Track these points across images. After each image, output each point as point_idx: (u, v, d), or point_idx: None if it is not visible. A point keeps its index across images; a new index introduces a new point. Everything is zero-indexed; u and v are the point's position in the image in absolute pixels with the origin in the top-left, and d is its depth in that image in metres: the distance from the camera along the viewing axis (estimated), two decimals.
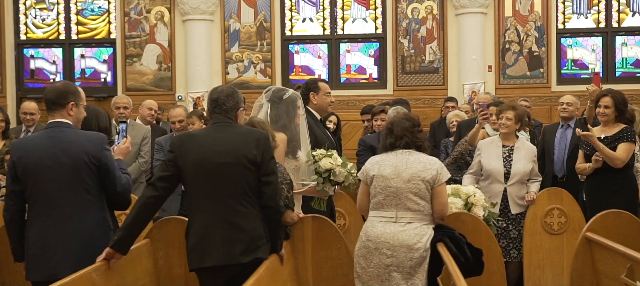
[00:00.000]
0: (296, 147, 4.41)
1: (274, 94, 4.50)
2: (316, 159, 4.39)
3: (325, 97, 4.99)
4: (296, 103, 4.48)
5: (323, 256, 4.07)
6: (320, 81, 5.12)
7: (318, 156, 4.40)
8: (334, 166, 4.34)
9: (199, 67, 10.97)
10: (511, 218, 5.47)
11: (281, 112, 4.41)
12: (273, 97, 4.49)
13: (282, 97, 4.47)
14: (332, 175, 4.35)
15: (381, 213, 3.82)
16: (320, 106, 4.96)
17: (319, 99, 4.95)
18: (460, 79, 10.88)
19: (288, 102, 4.45)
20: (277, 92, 4.53)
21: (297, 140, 4.43)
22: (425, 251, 3.73)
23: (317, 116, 4.99)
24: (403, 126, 3.85)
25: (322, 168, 4.33)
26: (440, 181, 3.80)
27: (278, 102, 4.45)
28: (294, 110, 4.46)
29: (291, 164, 4.37)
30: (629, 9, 11.02)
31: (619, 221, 4.03)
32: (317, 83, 5.03)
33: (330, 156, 4.40)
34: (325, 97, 4.99)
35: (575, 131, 5.96)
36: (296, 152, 4.40)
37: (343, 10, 11.30)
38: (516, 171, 5.39)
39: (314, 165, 4.38)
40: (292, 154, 4.39)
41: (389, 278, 3.75)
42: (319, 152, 4.43)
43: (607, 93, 5.35)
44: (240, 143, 3.43)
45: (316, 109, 4.97)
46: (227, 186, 3.38)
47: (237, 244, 3.36)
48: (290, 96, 4.48)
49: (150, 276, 3.95)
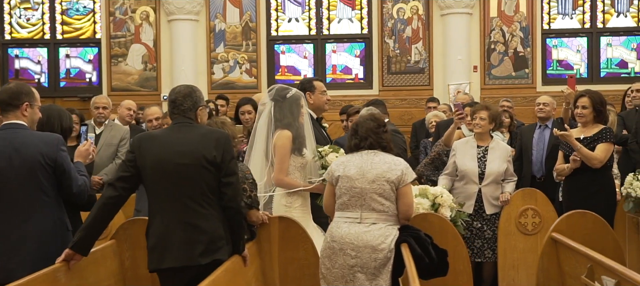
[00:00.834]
0: (302, 144, 4.44)
1: (277, 93, 4.51)
2: (322, 155, 4.42)
3: (322, 96, 4.98)
4: (299, 101, 4.50)
5: (290, 257, 4.06)
6: (316, 80, 5.11)
7: (324, 151, 4.44)
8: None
9: (185, 67, 10.94)
10: (486, 219, 5.47)
11: (285, 111, 4.43)
12: (276, 96, 4.49)
13: (285, 96, 4.48)
14: None
15: (346, 214, 3.81)
16: (317, 105, 4.95)
17: (315, 99, 4.93)
18: (445, 79, 10.88)
19: (291, 100, 4.47)
20: (281, 91, 4.53)
21: (302, 137, 4.45)
22: (389, 252, 3.72)
23: (314, 115, 4.99)
24: (368, 127, 3.84)
25: (329, 163, 4.35)
26: (405, 182, 3.79)
27: (281, 101, 4.46)
28: (298, 108, 4.48)
29: (297, 161, 4.41)
30: (614, 10, 11.04)
31: (584, 222, 4.04)
32: (312, 82, 5.01)
33: (336, 151, 4.43)
34: (321, 96, 4.97)
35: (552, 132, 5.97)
36: (302, 149, 4.43)
37: (329, 11, 11.30)
38: (490, 172, 5.39)
39: (320, 161, 4.41)
40: (298, 152, 4.41)
41: (353, 279, 3.74)
42: (325, 148, 4.47)
43: (584, 93, 5.33)
44: (199, 144, 3.41)
45: (313, 108, 4.95)
46: (186, 187, 3.37)
47: (196, 245, 3.34)
48: (293, 94, 4.50)
49: (115, 277, 3.94)
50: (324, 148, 4.48)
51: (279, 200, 4.41)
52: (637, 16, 11.01)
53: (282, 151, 4.33)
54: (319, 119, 5.17)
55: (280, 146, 4.34)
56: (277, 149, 4.35)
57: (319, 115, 5.14)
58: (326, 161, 4.39)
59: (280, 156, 4.34)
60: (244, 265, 3.63)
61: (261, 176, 4.44)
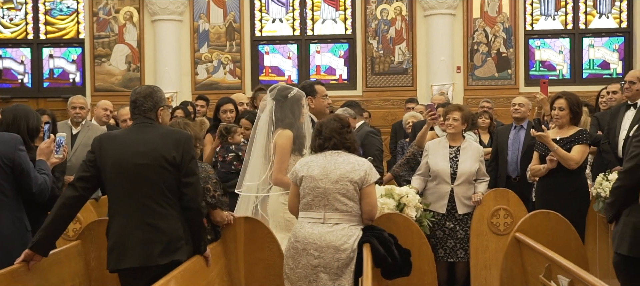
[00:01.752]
0: (302, 145, 4.44)
1: (278, 93, 4.51)
2: None
3: (323, 100, 4.92)
4: (301, 101, 4.50)
5: (255, 257, 4.07)
6: (317, 84, 5.04)
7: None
8: None
9: (168, 67, 10.95)
10: (458, 219, 5.48)
11: (286, 111, 4.43)
12: (278, 96, 4.50)
13: (286, 96, 4.48)
14: None
15: (310, 214, 3.82)
16: (318, 109, 4.88)
17: (317, 103, 4.87)
18: (429, 80, 10.92)
19: (293, 100, 4.47)
20: (282, 90, 4.53)
21: (303, 138, 4.45)
22: (352, 252, 3.73)
23: (315, 119, 4.94)
24: (331, 127, 3.85)
25: None
26: (368, 182, 3.80)
27: (283, 101, 4.46)
28: (299, 108, 4.47)
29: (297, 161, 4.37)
30: (596, 11, 11.10)
31: (547, 222, 4.06)
32: (313, 87, 4.95)
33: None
34: (322, 100, 4.91)
35: (528, 132, 5.99)
36: (302, 150, 4.43)
37: (313, 11, 11.32)
38: (462, 172, 5.41)
39: None
40: (299, 152, 4.41)
41: (316, 279, 3.74)
42: None
43: (561, 95, 5.35)
44: (159, 144, 3.42)
45: (314, 112, 4.88)
46: (145, 187, 3.37)
47: (155, 245, 3.35)
48: (294, 94, 4.50)
49: (80, 277, 3.94)
50: None
51: (276, 199, 4.40)
52: (619, 18, 11.08)
53: (283, 151, 4.34)
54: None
55: (280, 145, 4.35)
56: (278, 148, 4.36)
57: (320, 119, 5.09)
58: None
59: (280, 155, 4.35)
60: (206, 265, 3.63)
61: (260, 175, 4.45)
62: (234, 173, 5.73)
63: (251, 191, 4.52)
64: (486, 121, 8.06)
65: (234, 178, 5.70)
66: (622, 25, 11.05)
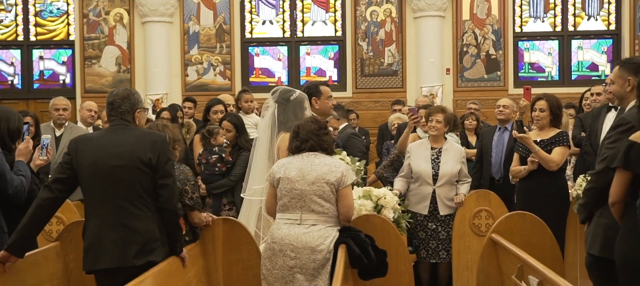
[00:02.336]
0: None
1: (281, 95, 4.52)
2: None
3: (327, 101, 4.91)
4: (303, 104, 4.51)
5: (234, 258, 4.09)
6: (322, 85, 5.03)
7: None
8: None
9: (159, 69, 10.98)
10: (440, 220, 5.52)
11: (289, 114, 4.44)
12: (280, 99, 4.51)
13: (289, 99, 4.49)
14: None
15: (286, 215, 3.84)
16: (323, 110, 4.88)
17: (321, 104, 4.86)
18: (418, 81, 10.97)
19: (295, 103, 4.48)
20: (284, 93, 4.54)
21: None
22: (328, 253, 3.75)
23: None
24: (309, 129, 3.87)
25: None
26: (345, 184, 3.82)
27: (285, 104, 4.48)
28: (301, 111, 4.49)
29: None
30: (585, 13, 11.16)
31: (522, 223, 4.09)
32: (318, 88, 4.94)
33: (339, 154, 4.45)
34: (327, 102, 4.90)
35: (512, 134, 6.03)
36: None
37: (303, 13, 11.36)
38: (444, 173, 5.45)
39: None
40: None
41: (292, 280, 3.76)
42: None
43: (542, 97, 5.40)
44: (135, 146, 3.44)
45: (319, 113, 4.85)
46: (121, 189, 3.39)
47: (130, 246, 3.37)
48: (297, 97, 4.51)
49: (58, 279, 3.95)
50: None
51: None
52: (608, 20, 11.13)
53: (286, 154, 4.37)
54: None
55: (284, 149, 4.37)
56: (281, 151, 4.38)
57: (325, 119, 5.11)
58: None
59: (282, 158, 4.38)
60: (183, 266, 3.65)
61: (264, 177, 4.45)
62: (218, 175, 5.77)
63: (256, 195, 4.53)
64: (473, 123, 8.11)
65: (218, 179, 5.75)
66: (611, 27, 11.11)
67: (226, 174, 5.78)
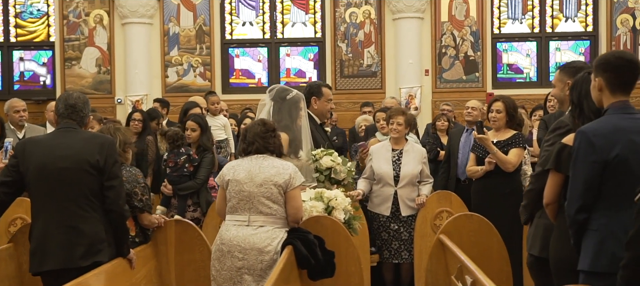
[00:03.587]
0: (298, 147, 4.50)
1: (277, 94, 4.57)
2: (317, 158, 4.48)
3: (327, 103, 4.98)
4: (299, 104, 4.56)
5: (186, 259, 4.15)
6: (324, 86, 5.10)
7: (318, 154, 4.50)
8: (334, 164, 4.46)
9: (138, 70, 10.99)
10: (402, 220, 5.58)
11: (284, 113, 4.50)
12: (276, 97, 4.56)
13: (285, 98, 4.54)
14: (332, 173, 4.46)
15: (235, 217, 3.89)
16: (320, 111, 4.96)
17: (320, 105, 4.93)
18: (397, 82, 11.01)
19: (291, 103, 4.54)
20: (281, 92, 4.59)
21: (299, 140, 4.51)
22: (275, 254, 3.81)
23: (317, 120, 5.01)
24: (254, 132, 3.92)
25: (323, 166, 4.43)
26: (293, 186, 3.88)
27: (281, 102, 4.53)
28: (297, 111, 4.53)
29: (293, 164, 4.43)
30: (562, 15, 11.23)
31: (470, 224, 4.16)
32: (320, 88, 5.01)
33: (330, 155, 4.50)
34: (326, 104, 4.98)
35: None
36: (298, 152, 4.50)
37: (283, 14, 11.39)
38: (405, 174, 5.51)
39: (314, 164, 4.47)
40: (294, 154, 4.48)
41: (240, 281, 3.82)
42: (319, 151, 4.53)
43: (498, 98, 5.51)
44: (82, 148, 3.49)
45: (316, 113, 4.96)
46: (68, 191, 3.44)
47: (76, 248, 3.42)
48: (293, 96, 4.56)
49: (12, 280, 4.00)
50: (317, 151, 4.54)
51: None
52: (585, 21, 11.21)
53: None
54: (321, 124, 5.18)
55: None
56: None
57: (321, 121, 5.16)
58: (320, 164, 4.46)
59: None
60: (131, 267, 3.70)
61: None
62: (187, 176, 5.80)
63: None
64: (445, 124, 8.16)
65: (187, 181, 5.78)
66: (588, 28, 11.18)
67: (192, 176, 5.82)
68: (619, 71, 2.90)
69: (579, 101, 3.21)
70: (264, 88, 11.46)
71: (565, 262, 3.14)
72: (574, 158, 2.92)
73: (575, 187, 2.91)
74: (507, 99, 5.51)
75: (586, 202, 2.89)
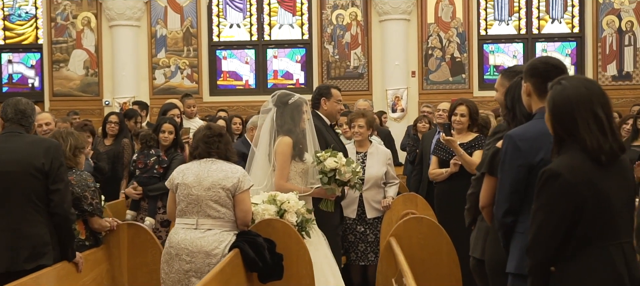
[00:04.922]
0: (303, 150, 4.54)
1: (279, 99, 4.61)
2: (321, 160, 4.51)
3: (336, 104, 5.03)
4: (301, 108, 4.59)
5: (139, 262, 4.18)
6: (333, 88, 5.15)
7: (322, 156, 4.53)
8: (338, 165, 4.48)
9: (126, 72, 11.04)
10: (368, 223, 5.60)
11: (286, 117, 4.53)
12: (278, 102, 4.60)
13: (287, 102, 4.58)
14: (337, 174, 4.48)
15: (184, 220, 3.92)
16: (330, 112, 5.00)
17: (330, 106, 4.98)
18: (384, 84, 11.03)
19: (293, 107, 4.57)
20: (283, 97, 4.62)
21: (303, 144, 4.55)
22: (223, 257, 3.83)
23: (327, 121, 5.05)
24: (198, 137, 3.97)
25: (327, 167, 4.46)
26: (241, 189, 3.91)
27: (283, 107, 4.57)
28: (299, 115, 4.56)
29: (298, 167, 4.51)
30: (549, 16, 11.22)
31: (419, 227, 4.17)
32: (329, 90, 5.05)
33: (334, 156, 4.52)
34: (335, 104, 5.02)
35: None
36: (303, 155, 4.54)
37: (270, 16, 11.43)
38: (370, 176, 5.52)
39: (319, 166, 4.50)
40: (299, 157, 4.52)
41: (188, 284, 3.85)
42: (324, 153, 4.55)
43: (462, 102, 5.53)
44: (27, 152, 3.53)
45: (326, 114, 5.00)
46: (13, 194, 3.49)
47: (20, 251, 3.46)
48: (295, 101, 4.59)
49: None
50: (322, 153, 4.57)
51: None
52: (571, 23, 11.19)
53: (282, 158, 4.46)
54: (332, 125, 5.21)
55: (280, 153, 4.46)
56: (277, 155, 4.47)
57: (332, 121, 5.19)
58: (324, 166, 4.49)
59: (280, 162, 4.46)
60: (77, 270, 3.73)
61: (263, 181, 4.55)
62: (157, 177, 5.83)
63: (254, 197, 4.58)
64: (426, 126, 8.18)
65: (156, 182, 5.81)
66: (574, 30, 11.17)
67: (162, 177, 5.85)
68: (545, 76, 2.91)
69: (512, 105, 3.23)
70: (252, 90, 11.61)
71: (499, 264, 3.15)
72: (502, 162, 2.93)
73: (502, 190, 2.92)
74: (470, 103, 5.56)
75: (513, 205, 2.90)
